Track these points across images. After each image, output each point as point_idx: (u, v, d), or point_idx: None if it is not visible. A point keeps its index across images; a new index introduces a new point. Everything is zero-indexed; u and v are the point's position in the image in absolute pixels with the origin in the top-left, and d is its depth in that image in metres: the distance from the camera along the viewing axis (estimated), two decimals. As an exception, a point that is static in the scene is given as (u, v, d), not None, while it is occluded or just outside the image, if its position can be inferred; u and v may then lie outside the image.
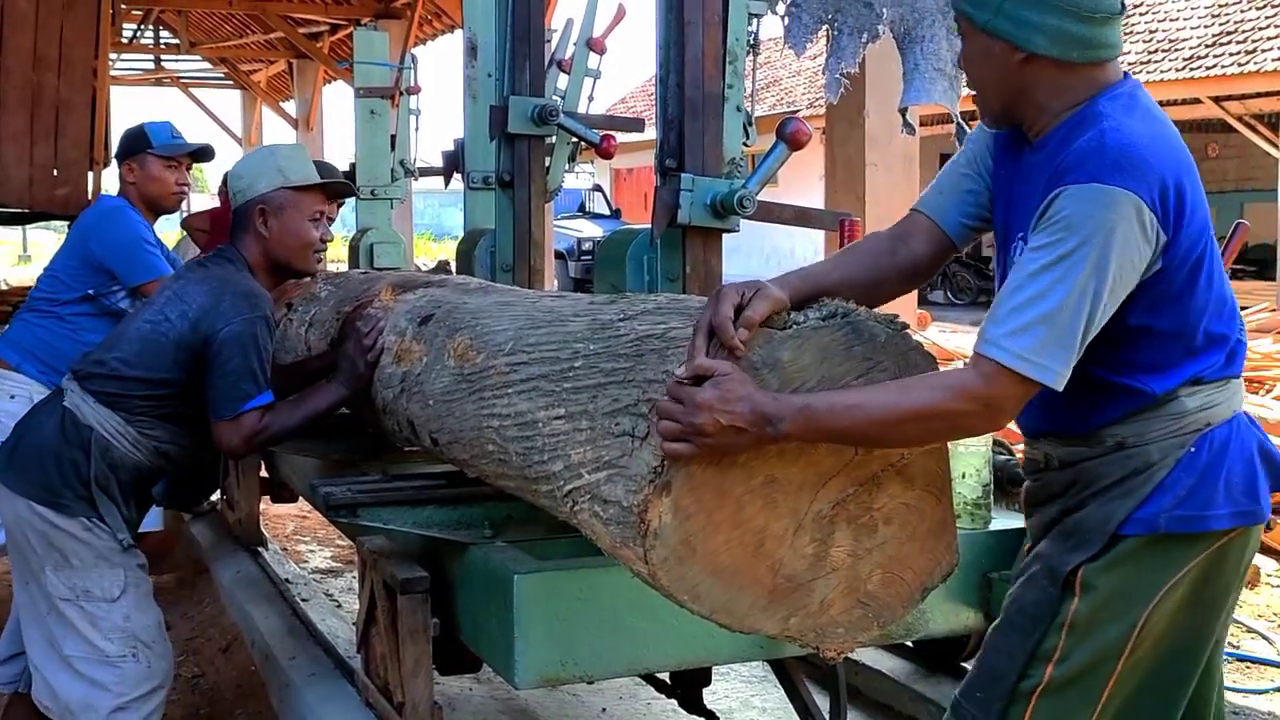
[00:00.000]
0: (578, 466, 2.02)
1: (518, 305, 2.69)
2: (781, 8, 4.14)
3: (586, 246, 18.93)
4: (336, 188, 3.28)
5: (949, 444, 1.97)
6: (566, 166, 4.36)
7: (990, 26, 1.88)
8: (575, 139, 4.25)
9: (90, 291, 3.81)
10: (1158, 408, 1.89)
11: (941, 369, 1.88)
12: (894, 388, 1.80)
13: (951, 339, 10.67)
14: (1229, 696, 3.86)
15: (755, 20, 3.32)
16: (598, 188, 22.86)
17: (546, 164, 4.12)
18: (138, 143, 3.95)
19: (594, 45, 4.52)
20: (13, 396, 3.69)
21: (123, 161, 3.97)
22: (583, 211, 21.38)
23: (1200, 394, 1.89)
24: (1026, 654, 1.94)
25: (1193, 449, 1.88)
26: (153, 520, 4.45)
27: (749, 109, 3.31)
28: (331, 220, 4.37)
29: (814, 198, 10.90)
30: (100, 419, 2.89)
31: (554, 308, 2.50)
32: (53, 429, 2.91)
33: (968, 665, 3.36)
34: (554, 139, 4.16)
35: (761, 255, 20.28)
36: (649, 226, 3.34)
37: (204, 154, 4.12)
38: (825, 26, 4.47)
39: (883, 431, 1.79)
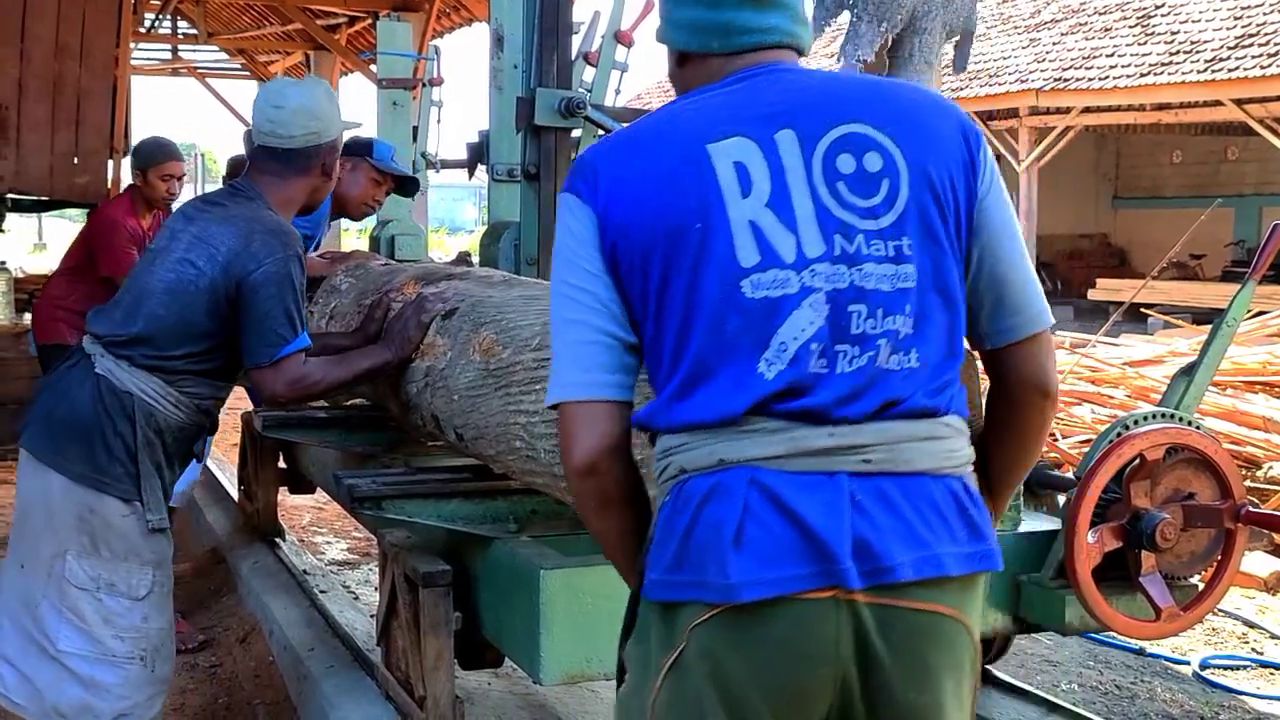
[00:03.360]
0: (609, 462, 1.99)
1: (544, 299, 2.67)
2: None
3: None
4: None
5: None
6: (591, 160, 4.34)
7: (659, 38, 1.73)
8: (602, 132, 4.23)
9: None
10: (657, 444, 1.59)
11: None
12: None
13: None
14: (1251, 703, 3.84)
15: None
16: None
17: (572, 157, 4.10)
18: (361, 148, 4.25)
19: (622, 38, 4.49)
20: None
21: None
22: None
23: (683, 434, 1.53)
24: None
25: (668, 497, 1.55)
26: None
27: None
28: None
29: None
30: (139, 384, 2.71)
31: (582, 302, 2.47)
32: (88, 400, 2.70)
33: (991, 668, 3.35)
34: (580, 132, 4.13)
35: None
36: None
37: (409, 185, 4.44)
38: (846, 10, 4.44)
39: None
